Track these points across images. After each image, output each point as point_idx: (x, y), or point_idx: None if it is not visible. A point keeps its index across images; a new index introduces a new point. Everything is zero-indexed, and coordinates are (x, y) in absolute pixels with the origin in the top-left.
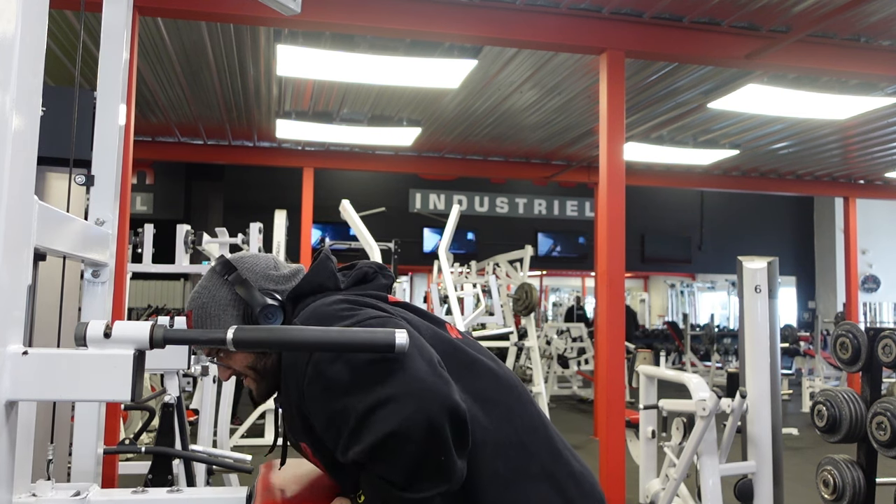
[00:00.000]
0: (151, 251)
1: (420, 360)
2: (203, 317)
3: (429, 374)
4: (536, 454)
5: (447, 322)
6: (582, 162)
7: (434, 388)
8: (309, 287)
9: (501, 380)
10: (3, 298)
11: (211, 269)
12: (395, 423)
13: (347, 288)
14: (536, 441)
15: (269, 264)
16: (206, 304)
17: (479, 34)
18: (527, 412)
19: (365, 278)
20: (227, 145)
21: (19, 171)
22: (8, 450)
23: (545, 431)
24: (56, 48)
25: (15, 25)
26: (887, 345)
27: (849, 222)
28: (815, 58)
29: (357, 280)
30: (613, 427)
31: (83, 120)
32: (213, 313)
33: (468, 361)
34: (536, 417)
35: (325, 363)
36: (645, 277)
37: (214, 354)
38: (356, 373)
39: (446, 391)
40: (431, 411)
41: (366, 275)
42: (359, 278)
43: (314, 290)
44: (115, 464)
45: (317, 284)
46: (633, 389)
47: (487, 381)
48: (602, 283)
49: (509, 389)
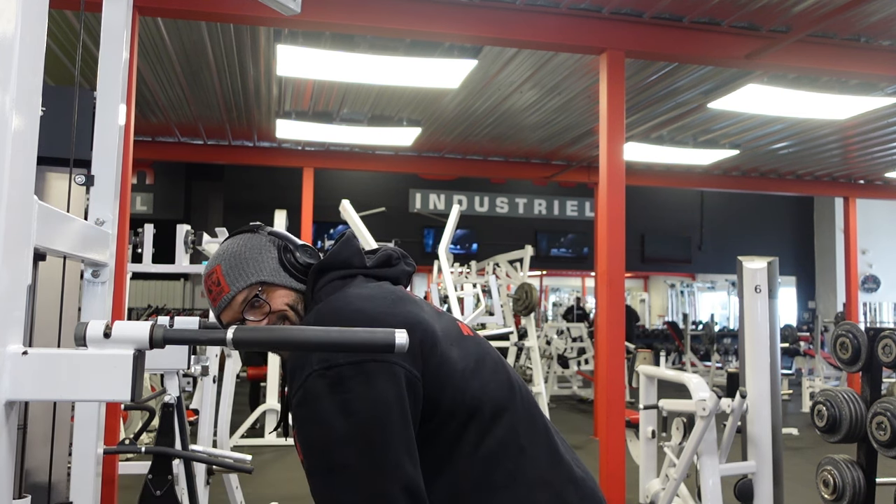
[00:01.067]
0: (151, 251)
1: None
2: (236, 264)
3: (397, 455)
4: (535, 459)
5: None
6: (582, 162)
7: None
8: (335, 262)
9: (509, 381)
10: (3, 298)
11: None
12: (350, 493)
13: (371, 267)
14: (537, 445)
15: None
16: (238, 252)
17: (479, 34)
18: (529, 415)
19: (388, 261)
20: (227, 145)
21: (19, 171)
22: (8, 451)
23: (546, 436)
24: (56, 48)
25: (15, 25)
26: (887, 345)
27: (849, 222)
28: (815, 58)
29: (381, 262)
30: (613, 427)
31: (83, 120)
32: (248, 256)
33: (479, 359)
34: (538, 420)
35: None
36: (645, 277)
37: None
38: (335, 426)
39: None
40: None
41: (390, 258)
42: (383, 261)
43: (340, 265)
44: (115, 464)
45: (343, 260)
46: (633, 389)
47: (495, 383)
48: (602, 283)
49: (514, 391)
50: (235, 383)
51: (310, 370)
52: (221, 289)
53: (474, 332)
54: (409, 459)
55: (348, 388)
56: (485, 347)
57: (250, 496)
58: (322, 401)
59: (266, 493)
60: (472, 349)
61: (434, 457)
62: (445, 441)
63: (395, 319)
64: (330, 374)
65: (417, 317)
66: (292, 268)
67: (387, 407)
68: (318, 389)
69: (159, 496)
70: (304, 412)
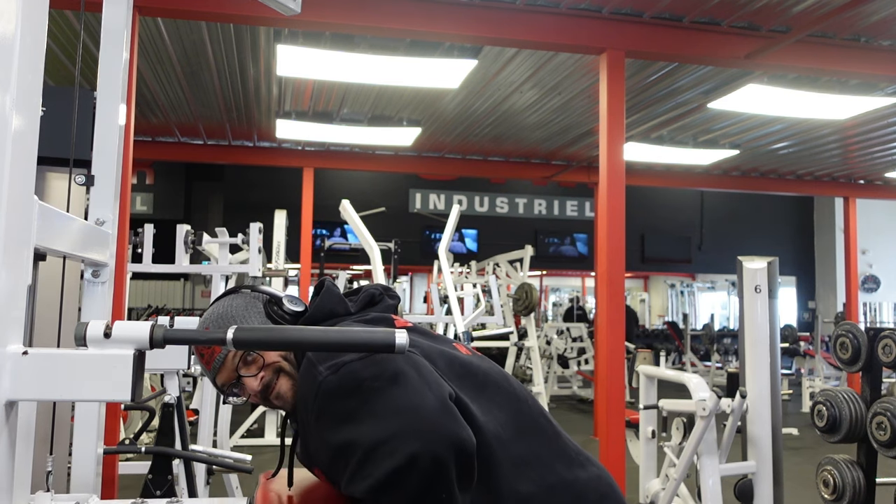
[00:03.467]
0: (151, 251)
1: (430, 396)
2: (223, 324)
3: (437, 411)
4: (552, 465)
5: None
6: (582, 162)
7: (441, 425)
8: (320, 314)
9: (513, 395)
10: (3, 298)
11: (218, 297)
12: (401, 458)
13: (357, 312)
14: (552, 452)
15: None
16: (223, 313)
17: (479, 34)
18: (539, 424)
19: (372, 300)
20: (227, 145)
21: (19, 171)
22: (8, 451)
23: (558, 441)
24: (56, 48)
25: (15, 25)
26: (887, 345)
27: (849, 222)
28: (815, 58)
29: (365, 303)
30: (613, 427)
31: (83, 120)
32: (233, 314)
33: (481, 381)
34: (549, 428)
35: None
36: (645, 277)
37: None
38: (364, 408)
39: (454, 428)
40: (437, 448)
41: (372, 297)
42: (366, 301)
43: (326, 317)
44: (115, 464)
45: (328, 311)
46: (633, 389)
47: (501, 399)
48: (602, 283)
49: (521, 404)
50: None
51: (319, 379)
52: (213, 350)
53: (471, 350)
54: (451, 414)
55: (363, 376)
56: (485, 368)
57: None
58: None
59: None
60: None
61: None
62: None
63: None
64: (342, 372)
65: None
66: (279, 318)
67: (409, 378)
68: (333, 389)
69: (159, 496)
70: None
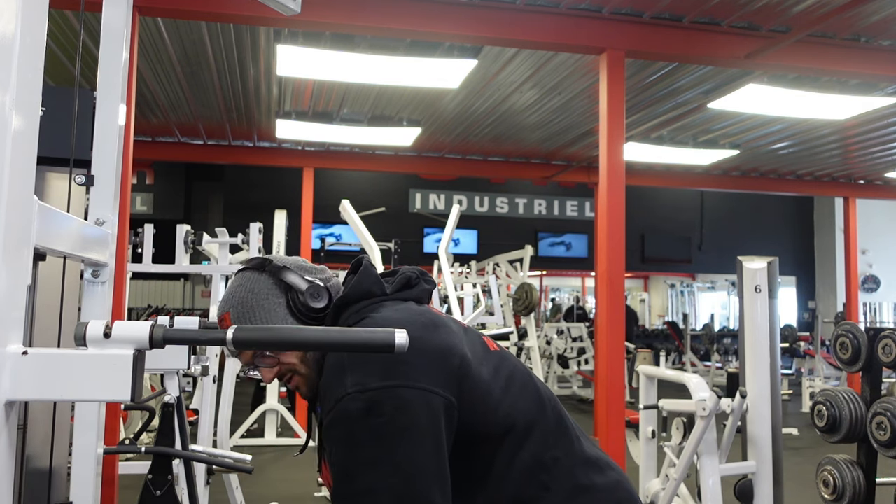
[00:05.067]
0: (151, 251)
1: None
2: (244, 312)
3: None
4: (570, 469)
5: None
6: (582, 162)
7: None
8: (356, 294)
9: (537, 395)
10: (3, 298)
11: (241, 270)
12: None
13: (393, 293)
14: (570, 455)
15: (298, 259)
16: (245, 299)
17: (479, 34)
18: (560, 426)
19: (408, 283)
20: (227, 145)
21: (19, 171)
22: (8, 451)
23: (578, 444)
24: (56, 48)
25: (15, 25)
26: (887, 345)
27: (849, 222)
28: (815, 58)
29: (401, 286)
30: (613, 427)
31: (83, 120)
32: (255, 304)
33: (509, 376)
34: (570, 430)
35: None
36: (645, 277)
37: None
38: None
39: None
40: None
41: (409, 280)
42: (403, 284)
43: (361, 297)
44: (115, 464)
45: (364, 291)
46: (633, 389)
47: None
48: (602, 283)
49: (545, 404)
50: (236, 383)
51: (343, 392)
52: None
53: (499, 346)
54: (440, 492)
55: (382, 412)
56: (512, 363)
57: (250, 496)
58: (355, 424)
59: (266, 493)
60: (501, 366)
61: (470, 476)
62: (481, 461)
63: (430, 345)
64: (364, 398)
65: (451, 341)
66: (302, 315)
67: (420, 434)
68: (352, 412)
69: (159, 496)
70: (337, 434)
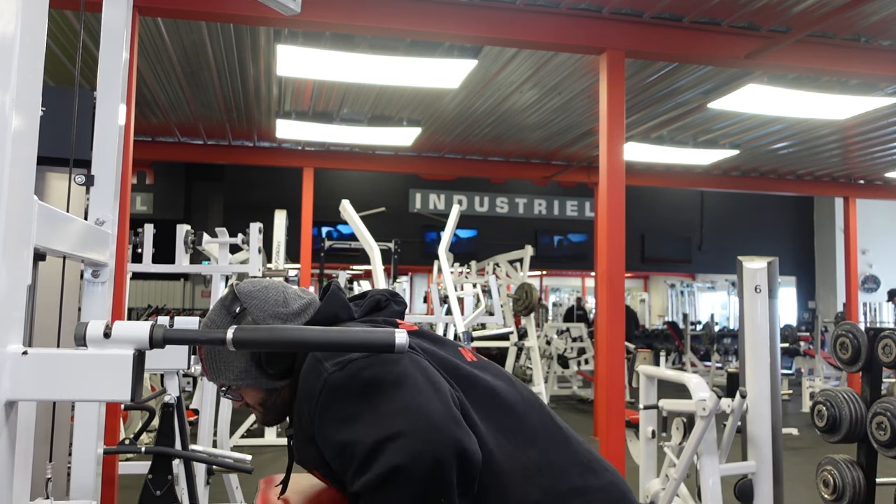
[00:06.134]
0: (151, 251)
1: (435, 400)
2: (210, 360)
3: (442, 415)
4: (565, 472)
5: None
6: (582, 162)
7: (445, 429)
8: (322, 318)
9: (520, 402)
10: (3, 298)
11: (220, 301)
12: (402, 458)
13: (361, 317)
14: (565, 458)
15: (278, 300)
16: (211, 349)
17: (479, 34)
18: (549, 431)
19: (377, 306)
20: (227, 145)
21: (19, 171)
22: (8, 451)
23: (570, 446)
24: (56, 48)
25: (15, 25)
26: (887, 345)
27: (849, 222)
28: (815, 58)
29: (370, 308)
30: (613, 427)
31: (83, 120)
32: (217, 357)
33: (488, 391)
34: (560, 433)
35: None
36: (645, 277)
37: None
38: (370, 407)
39: (458, 434)
40: (440, 451)
41: (378, 302)
42: (371, 307)
43: (329, 321)
44: (115, 464)
45: (331, 315)
46: (633, 389)
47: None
48: (602, 283)
49: (529, 410)
50: None
51: (326, 374)
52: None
53: (476, 355)
54: (456, 426)
55: (372, 373)
56: (490, 373)
57: (250, 496)
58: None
59: None
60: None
61: None
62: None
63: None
64: (348, 368)
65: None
66: (266, 366)
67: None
68: (340, 384)
69: (159, 496)
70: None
